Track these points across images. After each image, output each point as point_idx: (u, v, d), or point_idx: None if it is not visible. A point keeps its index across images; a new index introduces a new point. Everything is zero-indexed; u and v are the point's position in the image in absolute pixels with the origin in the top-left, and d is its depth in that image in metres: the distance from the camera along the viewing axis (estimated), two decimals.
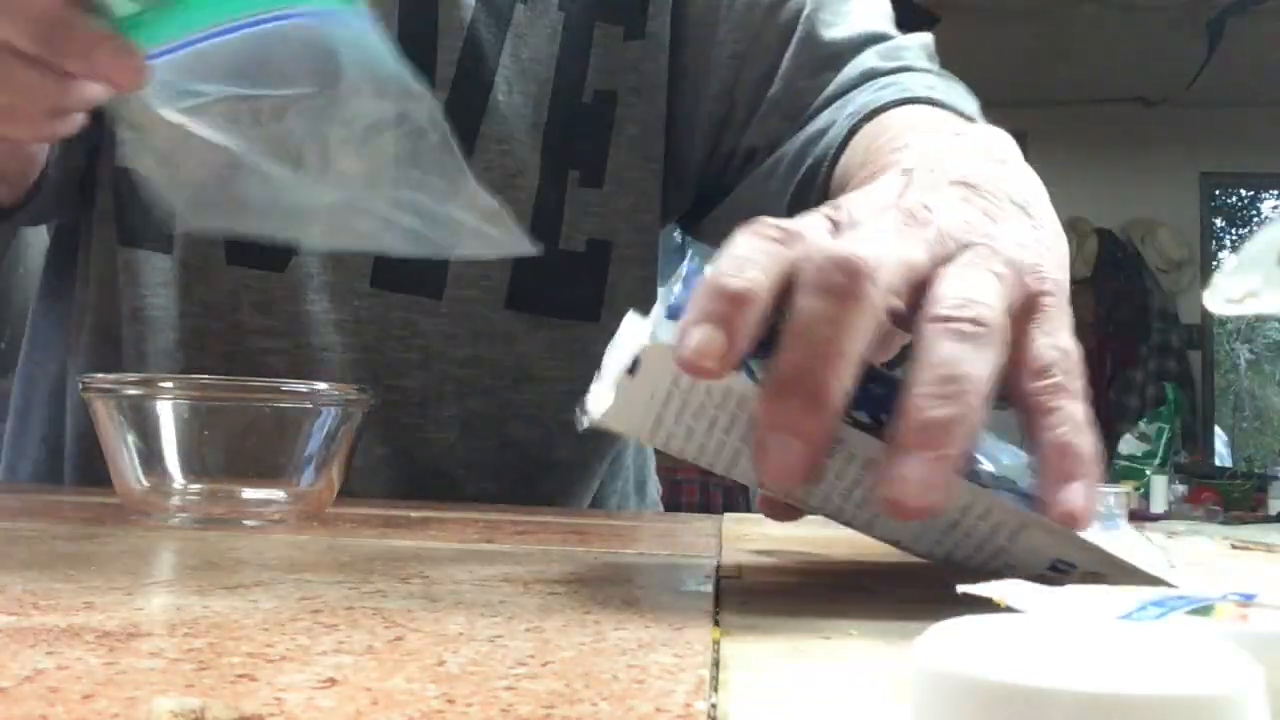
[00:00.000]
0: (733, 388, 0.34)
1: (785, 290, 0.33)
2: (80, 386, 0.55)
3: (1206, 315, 5.42)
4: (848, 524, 0.38)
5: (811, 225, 0.36)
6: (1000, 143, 0.51)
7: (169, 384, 0.54)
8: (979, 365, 0.33)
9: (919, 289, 0.35)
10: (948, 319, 0.33)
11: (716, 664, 0.27)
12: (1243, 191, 6.32)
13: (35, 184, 0.67)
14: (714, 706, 0.23)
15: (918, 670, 0.17)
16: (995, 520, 0.36)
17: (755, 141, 0.76)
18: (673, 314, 0.34)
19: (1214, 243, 5.84)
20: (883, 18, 0.77)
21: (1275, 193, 6.20)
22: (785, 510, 0.42)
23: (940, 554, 0.38)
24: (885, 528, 0.38)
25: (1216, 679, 0.16)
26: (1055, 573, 0.36)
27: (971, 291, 0.34)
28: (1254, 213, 6.42)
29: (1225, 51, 4.64)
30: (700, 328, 0.32)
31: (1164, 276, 5.42)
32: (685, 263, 0.37)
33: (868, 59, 0.72)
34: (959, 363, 0.33)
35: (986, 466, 0.37)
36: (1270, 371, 7.00)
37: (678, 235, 0.92)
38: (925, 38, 0.76)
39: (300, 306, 0.72)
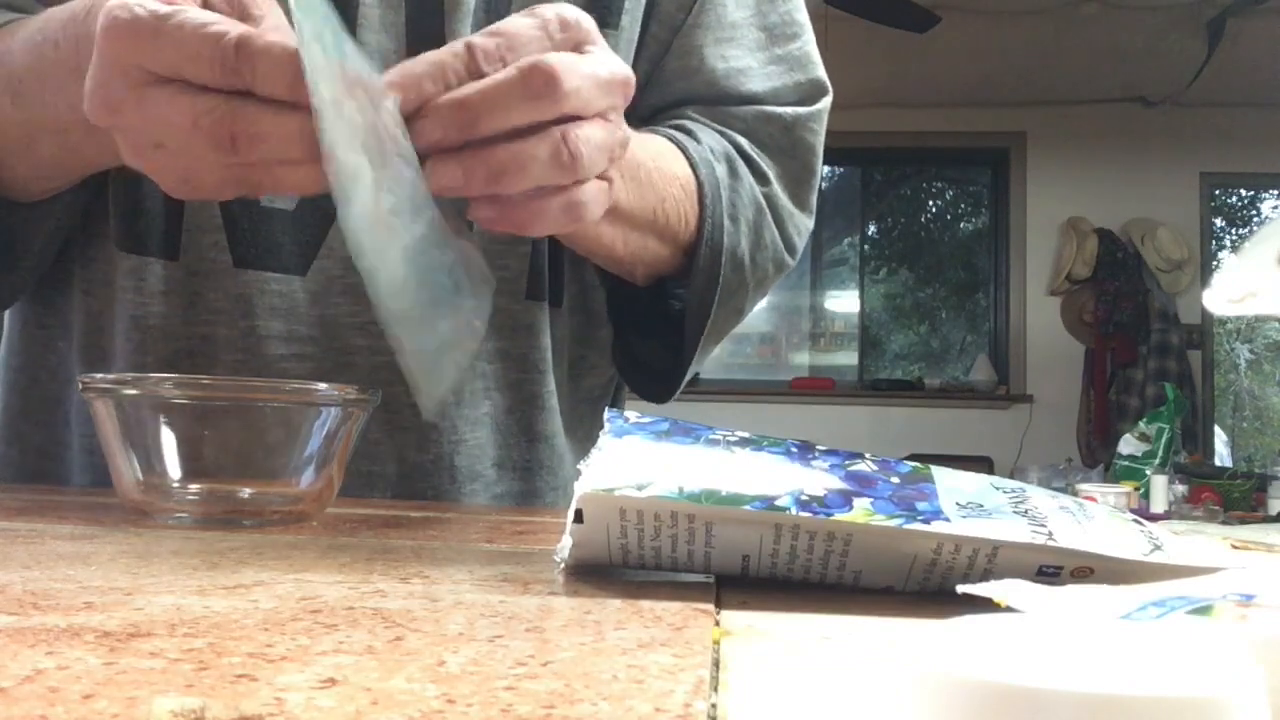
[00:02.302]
0: (678, 510, 0.37)
1: None
2: (80, 386, 0.55)
3: (1206, 315, 5.43)
4: (835, 584, 0.39)
5: None
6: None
7: (169, 384, 0.54)
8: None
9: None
10: None
11: (716, 664, 0.27)
12: (1243, 191, 6.31)
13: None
14: (714, 706, 0.23)
15: (918, 670, 0.17)
16: (970, 549, 0.37)
17: None
18: (649, 432, 0.40)
19: (1214, 243, 5.83)
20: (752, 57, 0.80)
21: (1275, 193, 6.19)
22: None
23: (932, 587, 0.39)
24: (873, 578, 0.38)
25: (1216, 679, 0.16)
26: (1044, 576, 0.37)
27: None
28: (1254, 213, 6.41)
29: (1225, 51, 4.65)
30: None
31: (1164, 276, 5.43)
32: (606, 419, 0.42)
33: (689, 111, 0.78)
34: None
35: (947, 502, 0.38)
36: (1270, 371, 6.99)
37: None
38: (784, 105, 0.79)
39: (323, 310, 0.71)
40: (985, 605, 0.27)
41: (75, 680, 0.23)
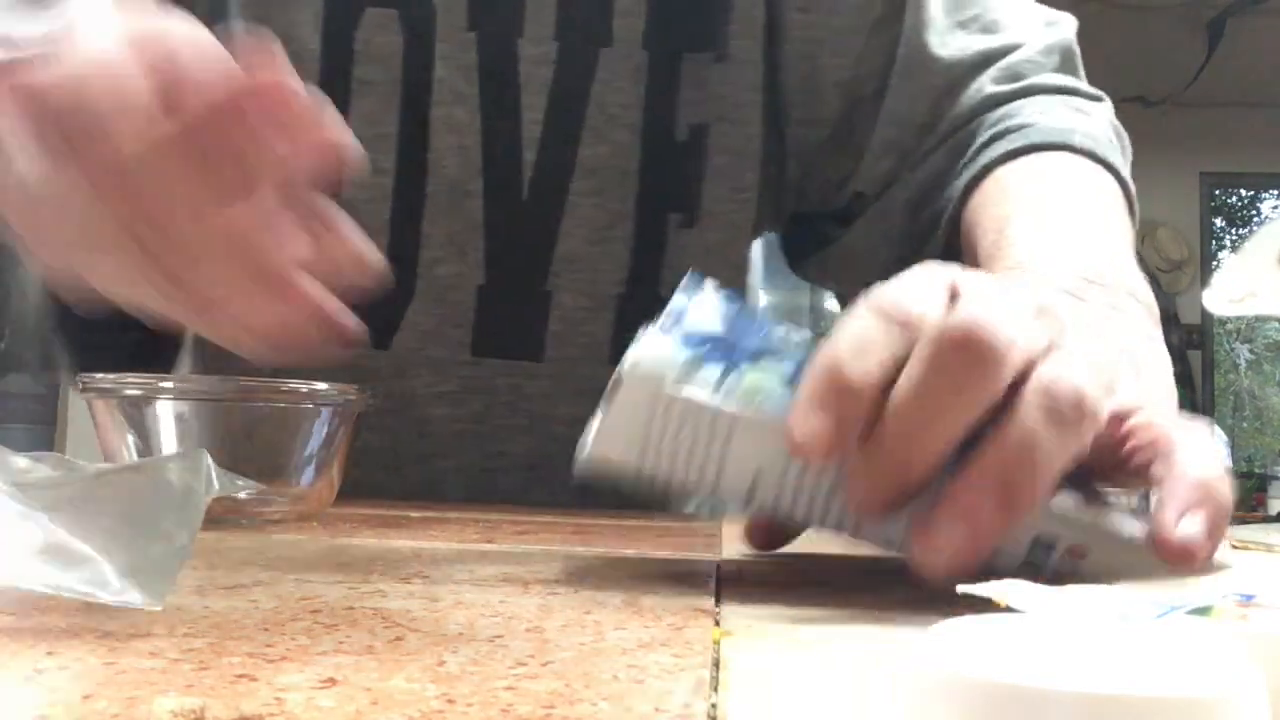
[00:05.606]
0: (720, 414, 0.36)
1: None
2: (80, 386, 0.55)
3: (1206, 315, 5.42)
4: (835, 528, 0.38)
5: (932, 301, 0.35)
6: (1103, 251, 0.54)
7: (169, 384, 0.54)
8: (1058, 453, 0.33)
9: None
10: (1048, 398, 0.33)
11: (716, 664, 0.27)
12: (1243, 191, 6.31)
13: None
14: (714, 706, 0.23)
15: (917, 670, 0.17)
16: None
17: (865, 187, 0.74)
18: (690, 342, 0.37)
19: (1214, 243, 5.83)
20: (998, 9, 0.73)
21: (1275, 193, 6.19)
22: (773, 537, 0.45)
23: None
24: (873, 531, 0.38)
25: (1216, 679, 0.16)
26: (1039, 550, 0.36)
27: (1078, 379, 0.34)
28: (1254, 213, 6.40)
29: (1225, 51, 4.65)
30: (813, 415, 0.33)
31: (1164, 276, 5.42)
32: (687, 284, 0.40)
33: (984, 84, 0.70)
34: (1038, 447, 0.33)
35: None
36: (1270, 371, 6.99)
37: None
38: (1049, 34, 0.73)
39: (404, 382, 0.72)
40: (985, 605, 0.27)
41: (75, 680, 0.23)
